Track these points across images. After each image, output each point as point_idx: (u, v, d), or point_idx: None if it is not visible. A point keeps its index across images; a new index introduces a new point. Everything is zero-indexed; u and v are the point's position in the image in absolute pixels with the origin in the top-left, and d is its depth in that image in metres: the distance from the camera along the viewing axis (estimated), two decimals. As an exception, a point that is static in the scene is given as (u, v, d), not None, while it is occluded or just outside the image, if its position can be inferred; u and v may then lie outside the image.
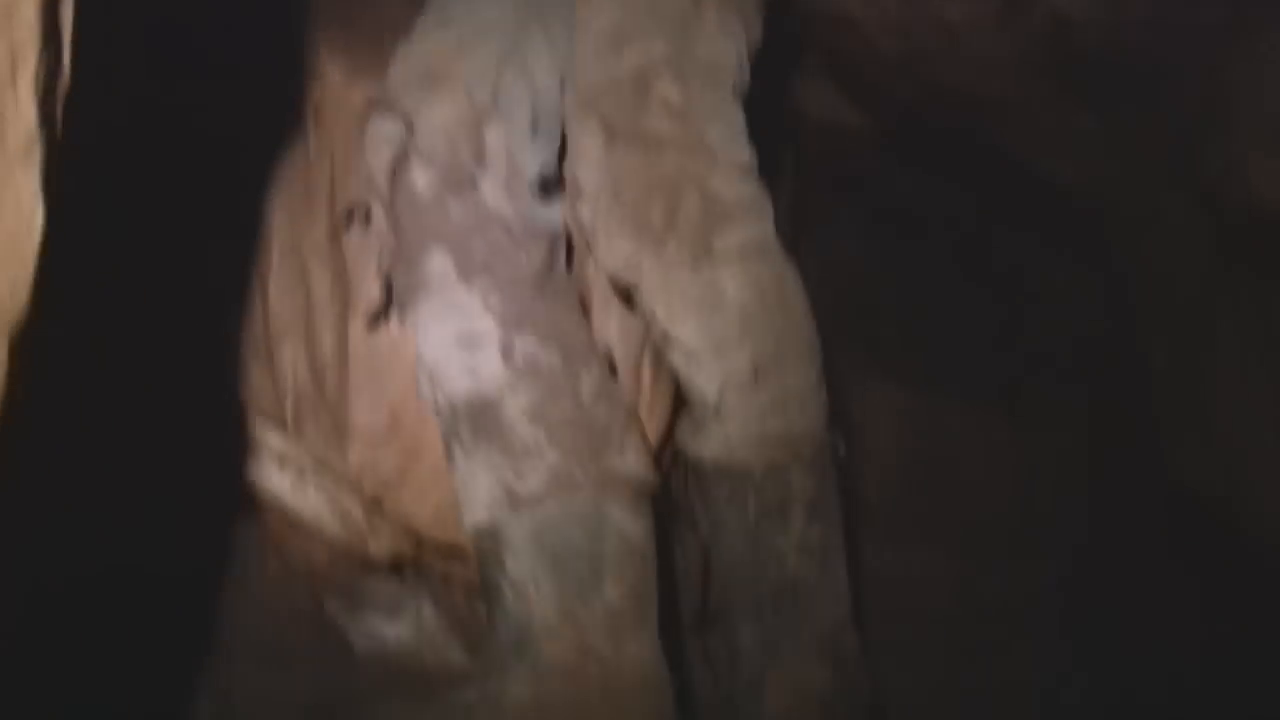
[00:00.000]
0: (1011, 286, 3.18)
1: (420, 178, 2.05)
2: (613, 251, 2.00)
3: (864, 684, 2.02)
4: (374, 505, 2.19)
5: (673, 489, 2.19)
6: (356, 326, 2.14)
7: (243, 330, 2.19)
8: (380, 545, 2.25)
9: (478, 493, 1.93)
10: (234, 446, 2.29)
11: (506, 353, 1.96)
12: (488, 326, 1.97)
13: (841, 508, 2.05)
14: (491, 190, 2.06)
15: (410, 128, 2.08)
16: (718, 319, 1.97)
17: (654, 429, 2.17)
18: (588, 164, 2.02)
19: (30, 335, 1.07)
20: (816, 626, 1.97)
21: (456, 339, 1.98)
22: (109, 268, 2.17)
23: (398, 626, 2.49)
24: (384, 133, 2.11)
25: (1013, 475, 2.95)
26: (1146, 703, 2.46)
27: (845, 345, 2.91)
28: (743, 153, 2.04)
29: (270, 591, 2.46)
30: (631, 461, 1.96)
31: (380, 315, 2.14)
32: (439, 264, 2.01)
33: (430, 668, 2.38)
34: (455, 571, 2.25)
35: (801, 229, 3.01)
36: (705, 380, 1.99)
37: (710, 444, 2.01)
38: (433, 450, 2.08)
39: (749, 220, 2.01)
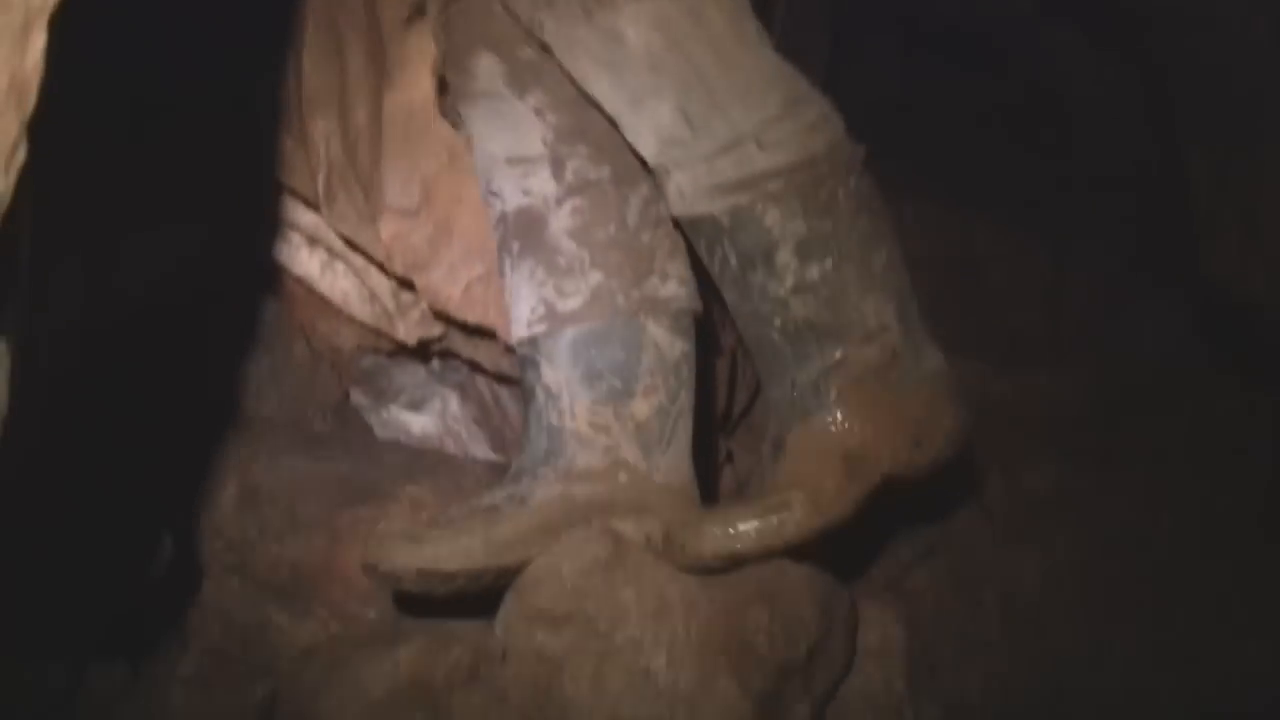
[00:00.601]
0: (1051, 100, 3.13)
1: None
2: (519, 12, 1.87)
3: (905, 436, 1.84)
4: (404, 284, 2.17)
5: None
6: (391, 99, 2.09)
7: (276, 105, 2.16)
8: (409, 328, 2.25)
9: (521, 307, 1.91)
10: (265, 227, 2.28)
11: (557, 169, 1.90)
12: (539, 143, 1.91)
13: (865, 232, 1.84)
14: None
15: None
16: (627, 72, 1.81)
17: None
18: None
19: (67, 25, 1.04)
20: (844, 373, 1.81)
21: (508, 157, 1.93)
22: (137, 44, 2.14)
23: (422, 419, 2.50)
24: None
25: (1043, 285, 2.93)
26: (1179, 505, 2.46)
27: (874, 161, 2.89)
28: None
29: (296, 378, 2.47)
30: (673, 288, 1.91)
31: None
32: (486, 68, 1.94)
33: (454, 460, 2.39)
34: (483, 357, 2.25)
35: (840, 44, 2.98)
36: (640, 142, 1.86)
37: (672, 202, 1.88)
38: (464, 228, 2.06)
39: None
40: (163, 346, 2.30)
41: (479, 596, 1.86)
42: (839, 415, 1.80)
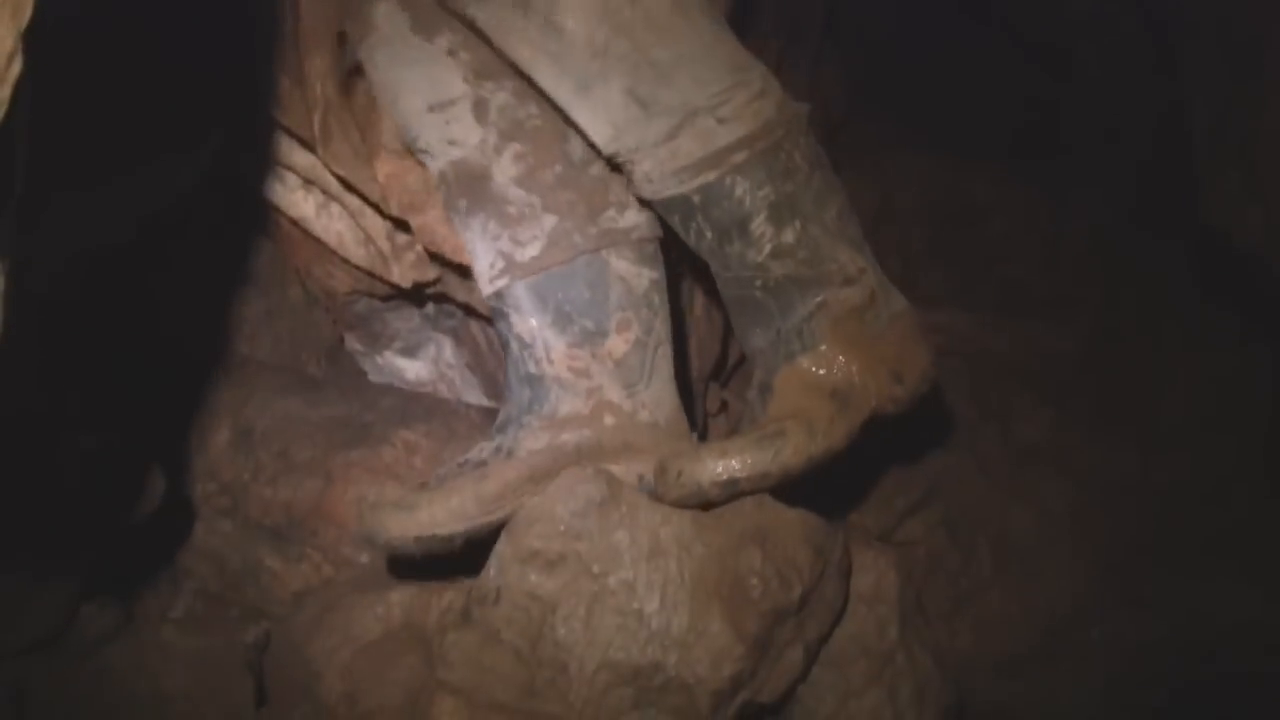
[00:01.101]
0: (1051, 51, 3.11)
1: None
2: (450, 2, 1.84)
3: (886, 372, 1.84)
4: (399, 225, 2.15)
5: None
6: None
7: (274, 43, 2.14)
8: (404, 271, 2.23)
9: (481, 263, 1.88)
10: (261, 167, 2.26)
11: (480, 111, 1.86)
12: (459, 83, 1.87)
13: (819, 188, 1.84)
14: None
15: None
16: (570, 60, 1.78)
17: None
18: None
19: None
20: (826, 314, 1.82)
21: (429, 105, 1.88)
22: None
23: (416, 364, 2.50)
24: None
25: (1042, 236, 2.92)
26: (1175, 455, 2.47)
27: (874, 114, 2.88)
28: None
29: (291, 321, 2.46)
30: (632, 217, 1.89)
31: (346, 72, 2.07)
32: (386, 14, 1.90)
33: (447, 404, 2.38)
34: (477, 300, 2.23)
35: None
36: (593, 129, 1.82)
37: (640, 188, 1.86)
38: (461, 168, 2.03)
39: None
40: (157, 285, 2.29)
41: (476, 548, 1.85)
42: (824, 354, 1.81)
